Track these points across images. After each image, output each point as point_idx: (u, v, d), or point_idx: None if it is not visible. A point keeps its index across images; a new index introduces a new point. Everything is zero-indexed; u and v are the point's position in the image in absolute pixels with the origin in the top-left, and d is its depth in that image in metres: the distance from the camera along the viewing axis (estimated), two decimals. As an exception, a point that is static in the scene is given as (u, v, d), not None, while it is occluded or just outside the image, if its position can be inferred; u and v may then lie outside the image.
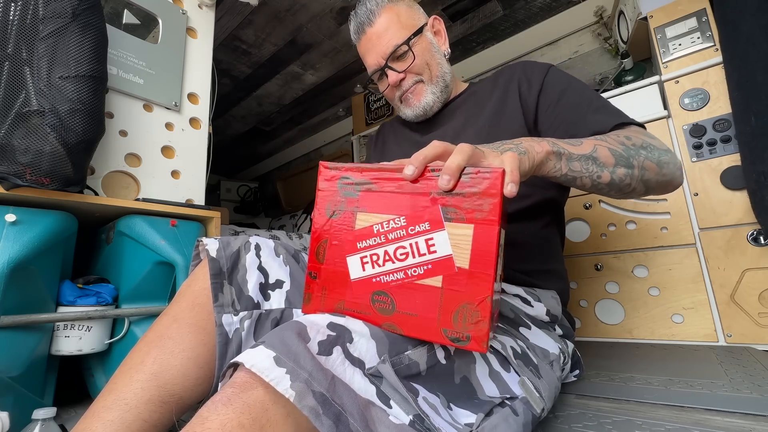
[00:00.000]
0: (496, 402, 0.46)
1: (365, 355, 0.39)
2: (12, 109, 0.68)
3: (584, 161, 0.52)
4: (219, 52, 1.91)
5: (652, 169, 0.56)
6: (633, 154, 0.55)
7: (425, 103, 0.80)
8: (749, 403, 0.57)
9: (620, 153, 0.55)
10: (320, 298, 0.46)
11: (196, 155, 1.08)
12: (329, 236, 0.45)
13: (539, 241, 0.73)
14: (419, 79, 0.80)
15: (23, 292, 0.72)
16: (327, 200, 0.46)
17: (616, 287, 1.15)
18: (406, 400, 0.37)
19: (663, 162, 0.57)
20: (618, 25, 1.49)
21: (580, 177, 0.52)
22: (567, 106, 0.68)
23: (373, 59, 0.80)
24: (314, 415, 0.32)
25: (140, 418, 0.46)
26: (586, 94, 0.69)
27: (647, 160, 0.56)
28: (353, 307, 0.44)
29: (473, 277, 0.39)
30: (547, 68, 0.74)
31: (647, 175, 0.56)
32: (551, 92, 0.70)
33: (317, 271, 0.46)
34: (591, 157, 0.53)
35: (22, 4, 0.70)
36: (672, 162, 0.59)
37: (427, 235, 0.41)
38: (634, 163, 0.55)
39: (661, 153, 0.58)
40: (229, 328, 0.53)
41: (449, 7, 1.74)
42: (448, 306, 0.40)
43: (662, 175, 0.58)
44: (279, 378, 0.33)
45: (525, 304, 0.65)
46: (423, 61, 0.79)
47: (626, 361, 0.89)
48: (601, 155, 0.53)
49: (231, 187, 3.24)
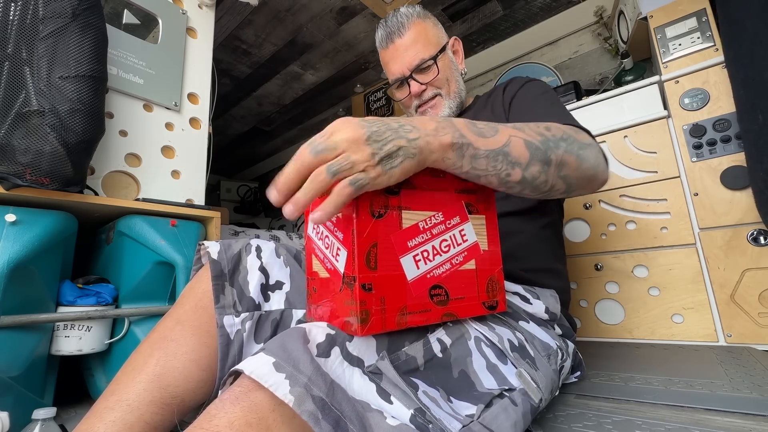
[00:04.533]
0: (494, 393, 0.46)
1: (364, 353, 0.40)
2: (12, 109, 0.68)
3: (492, 158, 0.45)
4: (219, 52, 1.91)
5: (571, 163, 0.50)
6: (551, 147, 0.49)
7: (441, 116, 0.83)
8: (749, 403, 0.58)
9: (536, 146, 0.48)
10: (380, 313, 0.40)
11: (196, 155, 1.08)
12: (378, 239, 0.41)
13: (539, 239, 0.74)
14: (438, 93, 0.84)
15: (23, 292, 0.72)
16: (369, 199, 0.41)
17: (616, 287, 1.15)
18: (407, 395, 0.38)
19: (582, 157, 0.52)
20: (618, 25, 1.49)
21: (485, 175, 0.46)
22: (525, 109, 0.71)
23: (398, 68, 0.84)
24: (314, 420, 0.32)
25: (142, 419, 0.46)
26: (549, 100, 0.71)
27: (567, 154, 0.50)
28: (416, 308, 0.43)
29: (491, 255, 0.51)
30: (526, 80, 0.78)
31: (565, 171, 0.50)
32: (521, 99, 0.75)
33: (371, 280, 0.40)
34: (502, 152, 0.45)
35: (22, 4, 0.70)
36: (593, 156, 0.54)
37: (460, 227, 0.48)
38: (552, 157, 0.49)
39: (581, 146, 0.52)
40: (231, 330, 0.53)
41: (449, 7, 1.74)
42: (482, 283, 0.50)
43: (582, 170, 0.52)
44: (278, 383, 0.33)
45: (524, 302, 0.66)
46: (444, 76, 0.83)
47: (626, 361, 0.89)
48: (514, 149, 0.46)
49: (231, 187, 3.24)
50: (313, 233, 0.48)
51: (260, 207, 3.27)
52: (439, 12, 1.76)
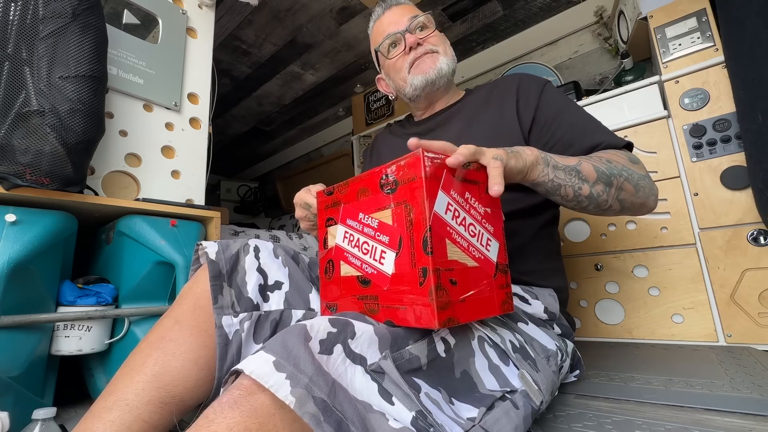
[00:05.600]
0: (497, 396, 0.46)
1: (367, 351, 0.40)
2: (12, 109, 0.68)
3: (568, 171, 0.56)
4: (219, 52, 1.91)
5: (629, 190, 0.60)
6: (615, 173, 0.59)
7: (438, 68, 0.80)
8: (749, 403, 0.57)
9: (603, 171, 0.58)
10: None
11: (196, 155, 1.08)
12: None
13: (537, 240, 0.74)
14: (435, 50, 0.82)
15: (23, 292, 0.72)
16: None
17: (616, 287, 1.15)
18: (409, 397, 0.37)
19: (640, 186, 0.61)
20: (618, 25, 1.49)
21: (564, 186, 0.55)
22: (563, 126, 0.70)
23: (393, 26, 0.83)
24: (315, 422, 0.31)
25: (140, 418, 0.46)
26: (582, 115, 0.72)
27: (626, 182, 0.60)
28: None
29: None
30: (543, 84, 0.76)
31: (622, 195, 0.60)
32: (547, 109, 0.72)
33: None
34: (575, 169, 0.56)
35: (22, 4, 0.70)
36: (648, 187, 0.63)
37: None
38: (614, 182, 0.59)
39: (639, 177, 0.62)
40: (229, 330, 0.53)
41: (449, 7, 1.74)
42: None
43: (637, 197, 0.61)
44: (279, 384, 0.32)
45: (523, 302, 0.66)
46: (440, 39, 0.83)
47: (626, 361, 0.89)
48: (584, 169, 0.57)
49: (231, 187, 3.24)
50: (451, 220, 0.46)
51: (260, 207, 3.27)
52: (439, 12, 1.76)
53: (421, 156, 0.42)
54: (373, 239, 0.47)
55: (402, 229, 0.44)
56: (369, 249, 0.47)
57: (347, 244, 0.51)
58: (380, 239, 0.46)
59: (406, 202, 0.43)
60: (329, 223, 0.55)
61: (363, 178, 0.50)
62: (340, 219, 0.53)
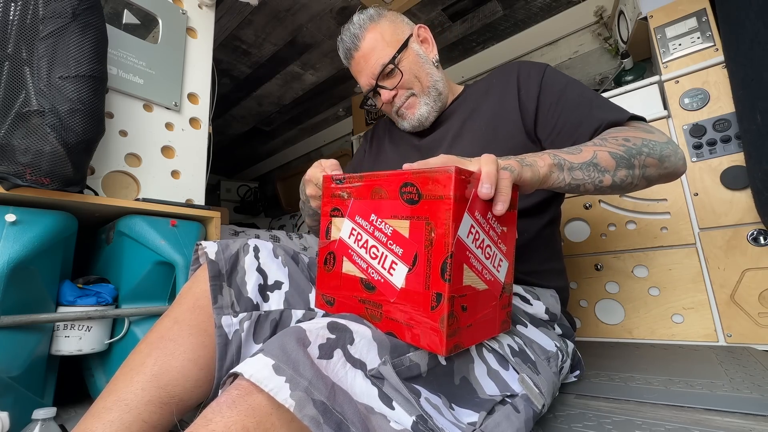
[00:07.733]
0: (497, 400, 0.46)
1: (366, 356, 0.39)
2: (12, 109, 0.68)
3: (585, 169, 0.54)
4: (219, 52, 1.91)
5: (653, 164, 0.58)
6: (634, 154, 0.57)
7: (420, 114, 0.81)
8: (749, 403, 0.57)
9: (621, 155, 0.56)
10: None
11: (196, 155, 1.08)
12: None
13: (539, 240, 0.74)
14: (411, 93, 0.81)
15: (23, 292, 0.72)
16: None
17: (616, 287, 1.15)
18: (409, 401, 0.37)
19: (665, 156, 0.59)
20: (618, 25, 1.49)
21: (582, 184, 0.54)
22: (568, 107, 0.68)
23: (364, 80, 0.82)
24: (315, 424, 0.31)
25: (140, 418, 0.46)
26: (585, 93, 0.69)
27: (648, 158, 0.57)
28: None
29: None
30: (543, 69, 0.74)
31: (648, 172, 0.58)
32: (550, 93, 0.70)
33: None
34: (591, 163, 0.54)
35: (22, 4, 0.70)
36: (673, 153, 0.60)
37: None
38: (635, 162, 0.56)
39: (662, 147, 0.59)
40: (229, 330, 0.53)
41: (449, 7, 1.73)
42: None
43: (664, 168, 0.59)
44: (278, 387, 0.32)
45: (524, 303, 0.65)
46: (411, 75, 0.79)
47: (626, 361, 0.89)
48: (602, 160, 0.55)
49: (231, 187, 3.24)
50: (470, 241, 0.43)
51: (260, 207, 3.27)
52: (439, 12, 1.76)
53: (453, 175, 0.39)
54: (385, 246, 0.45)
55: (419, 246, 0.41)
56: (378, 255, 0.45)
57: (353, 242, 0.49)
58: (392, 249, 0.44)
59: (428, 219, 0.41)
60: (335, 213, 0.52)
61: (381, 177, 0.46)
62: (348, 213, 0.50)
